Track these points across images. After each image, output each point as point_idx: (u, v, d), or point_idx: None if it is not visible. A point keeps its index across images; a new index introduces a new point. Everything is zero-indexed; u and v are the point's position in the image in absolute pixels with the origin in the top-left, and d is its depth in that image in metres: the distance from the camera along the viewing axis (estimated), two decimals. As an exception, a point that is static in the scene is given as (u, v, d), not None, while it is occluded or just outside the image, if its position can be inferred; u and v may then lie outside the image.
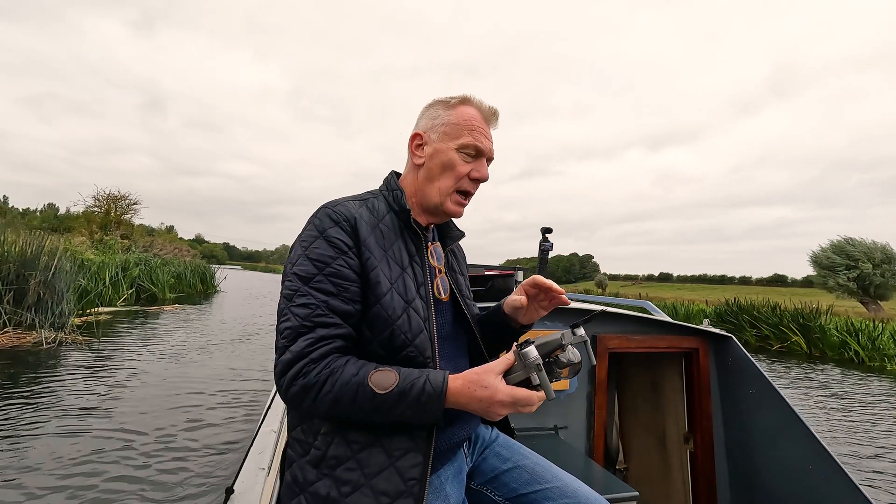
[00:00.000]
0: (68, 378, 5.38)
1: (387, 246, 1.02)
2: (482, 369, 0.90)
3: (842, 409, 6.11)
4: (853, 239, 15.61)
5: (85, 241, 18.61)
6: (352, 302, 0.94)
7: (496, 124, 1.14)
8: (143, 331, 9.22)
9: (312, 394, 0.86)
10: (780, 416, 2.02)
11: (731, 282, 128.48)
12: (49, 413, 4.21)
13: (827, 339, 11.56)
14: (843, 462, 1.82)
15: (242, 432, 3.97)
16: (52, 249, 8.13)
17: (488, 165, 1.12)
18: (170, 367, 6.23)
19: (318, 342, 0.88)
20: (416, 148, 1.11)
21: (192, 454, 3.53)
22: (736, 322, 13.70)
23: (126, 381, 5.39)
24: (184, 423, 4.14)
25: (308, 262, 0.94)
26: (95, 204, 23.24)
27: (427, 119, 1.11)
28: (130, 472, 3.20)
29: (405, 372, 0.89)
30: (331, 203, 1.03)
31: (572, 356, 0.92)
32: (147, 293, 16.18)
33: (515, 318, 1.15)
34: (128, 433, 3.85)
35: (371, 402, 0.85)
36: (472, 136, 1.06)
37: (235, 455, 3.50)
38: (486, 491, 1.11)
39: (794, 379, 8.23)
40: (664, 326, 2.38)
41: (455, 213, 1.11)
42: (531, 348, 0.87)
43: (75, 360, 6.31)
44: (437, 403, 0.86)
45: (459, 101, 1.10)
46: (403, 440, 0.91)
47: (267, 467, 1.34)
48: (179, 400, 4.81)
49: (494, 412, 0.88)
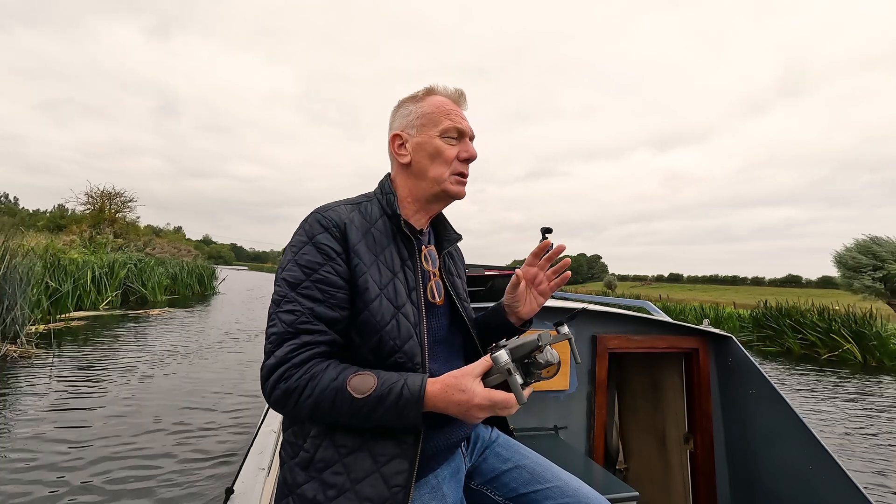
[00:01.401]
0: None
1: (378, 251, 1.01)
2: (460, 373, 0.89)
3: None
4: (879, 238, 14.40)
5: (75, 240, 17.63)
6: (338, 308, 0.93)
7: (466, 105, 1.14)
8: (115, 338, 8.18)
9: (294, 398, 0.86)
10: (780, 416, 2.01)
11: (743, 282, 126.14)
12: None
13: (886, 346, 10.42)
14: (843, 463, 1.75)
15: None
16: (4, 248, 7.01)
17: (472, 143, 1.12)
18: (123, 388, 5.18)
19: (301, 347, 0.89)
20: (398, 148, 1.10)
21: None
22: (776, 327, 12.44)
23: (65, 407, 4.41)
24: (118, 476, 3.15)
25: (297, 268, 0.94)
26: (89, 201, 22.24)
27: (400, 118, 1.11)
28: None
29: (384, 376, 0.89)
30: (322, 208, 1.02)
31: (550, 357, 0.91)
32: (137, 295, 15.15)
33: (516, 310, 1.15)
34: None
35: (350, 407, 0.85)
36: (450, 120, 1.06)
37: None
38: (487, 491, 1.11)
39: (855, 394, 7.25)
40: (664, 326, 2.38)
41: (458, 193, 1.09)
42: (501, 352, 0.86)
43: (8, 378, 5.29)
44: (415, 408, 0.86)
45: (425, 92, 1.10)
46: (390, 446, 0.91)
47: (267, 467, 1.37)
48: (114, 444, 3.68)
49: (473, 415, 0.87)
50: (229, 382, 5.63)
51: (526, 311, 1.14)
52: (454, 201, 1.12)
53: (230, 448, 3.70)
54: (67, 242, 17.14)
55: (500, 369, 0.85)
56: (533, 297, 1.14)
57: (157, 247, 25.12)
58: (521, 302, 1.14)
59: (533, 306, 1.14)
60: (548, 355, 0.90)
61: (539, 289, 1.13)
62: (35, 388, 4.96)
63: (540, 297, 1.13)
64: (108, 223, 21.57)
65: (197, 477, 3.19)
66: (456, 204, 1.14)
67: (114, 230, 21.28)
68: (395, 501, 0.86)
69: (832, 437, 4.93)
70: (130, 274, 15.11)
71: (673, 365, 2.51)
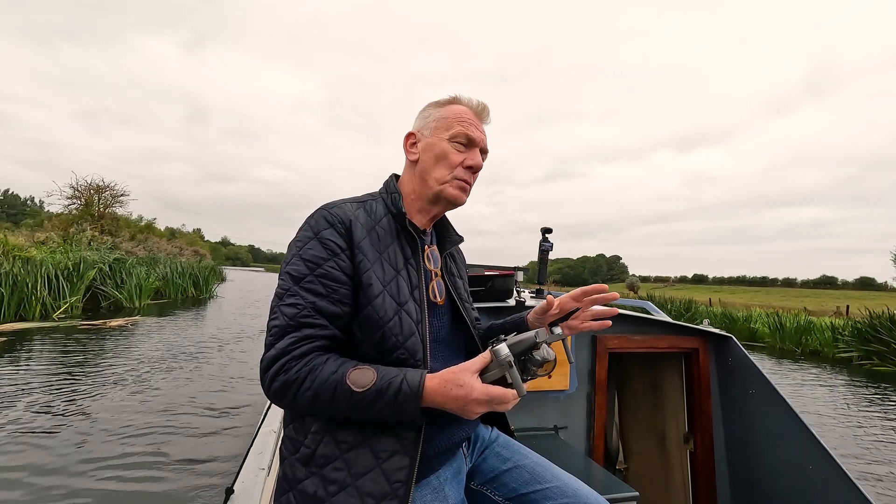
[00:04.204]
0: None
1: (382, 248, 1.02)
2: (458, 368, 0.89)
3: None
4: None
5: (51, 237, 15.67)
6: (340, 304, 0.94)
7: (487, 120, 1.14)
8: (26, 363, 5.93)
9: (293, 390, 0.86)
10: (780, 416, 2.01)
11: (773, 284, 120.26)
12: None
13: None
14: (843, 463, 1.75)
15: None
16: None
17: (483, 159, 1.12)
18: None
19: (301, 340, 0.89)
20: (410, 146, 1.13)
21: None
22: (891, 341, 9.79)
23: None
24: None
25: (301, 263, 0.95)
26: (74, 195, 20.16)
27: (420, 119, 1.14)
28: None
29: (383, 370, 0.89)
30: (328, 205, 1.03)
31: (547, 354, 0.92)
32: (110, 300, 13.04)
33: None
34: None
35: (349, 400, 0.85)
36: (461, 126, 1.07)
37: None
38: (486, 491, 1.11)
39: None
40: (664, 326, 2.38)
41: (456, 198, 1.09)
42: (502, 345, 0.88)
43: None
44: (414, 403, 0.86)
45: (449, 100, 1.13)
46: (391, 442, 0.91)
47: (267, 467, 1.38)
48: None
49: (471, 410, 0.88)
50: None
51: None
52: (454, 207, 1.12)
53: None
54: (41, 239, 15.18)
55: (501, 362, 0.87)
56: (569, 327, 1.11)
57: (156, 245, 23.17)
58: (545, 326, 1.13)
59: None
60: (545, 353, 0.91)
61: (570, 323, 1.10)
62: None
63: (566, 330, 1.10)
64: (97, 218, 19.53)
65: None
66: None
67: (101, 226, 19.32)
68: (396, 497, 0.86)
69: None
70: (102, 276, 13.02)
71: (673, 365, 2.52)
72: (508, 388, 0.87)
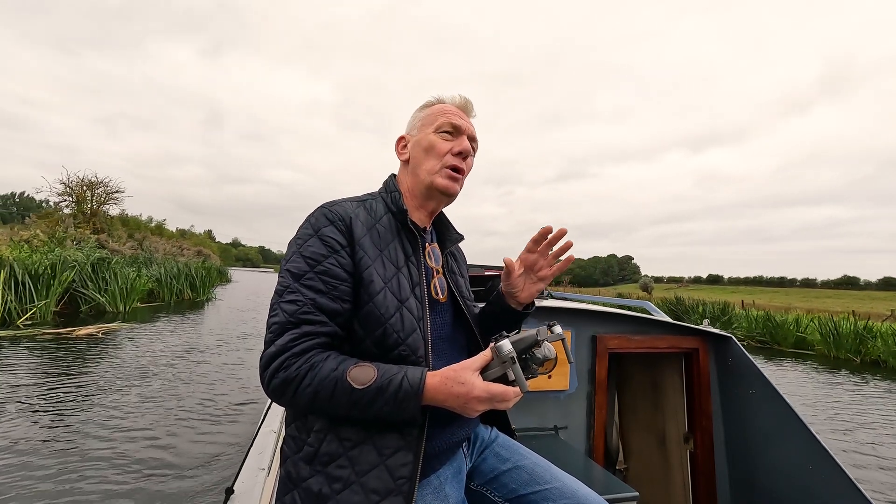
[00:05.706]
0: None
1: (382, 246, 1.01)
2: (459, 366, 0.88)
3: None
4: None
5: (37, 235, 14.64)
6: (340, 300, 0.93)
7: (473, 113, 1.16)
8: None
9: (293, 387, 0.85)
10: (780, 416, 1.98)
11: (791, 284, 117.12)
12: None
13: None
14: (843, 463, 1.72)
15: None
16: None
17: (474, 149, 1.13)
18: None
19: (301, 337, 0.88)
20: (401, 148, 1.15)
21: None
22: None
23: None
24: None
25: (301, 260, 0.94)
26: (66, 191, 19.12)
27: (408, 124, 1.16)
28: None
29: (384, 368, 0.88)
30: (328, 203, 1.03)
31: (548, 352, 0.91)
32: (91, 304, 11.92)
33: (515, 296, 1.13)
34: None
35: (349, 397, 0.85)
36: (445, 117, 1.09)
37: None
38: (486, 491, 1.10)
39: None
40: (664, 326, 2.35)
41: (447, 188, 1.08)
42: (505, 342, 0.87)
43: None
44: (414, 400, 0.85)
45: (433, 101, 1.15)
46: (394, 439, 0.90)
47: (267, 467, 1.37)
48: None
49: (471, 408, 0.87)
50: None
51: (525, 297, 1.13)
52: (448, 199, 1.12)
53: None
54: (25, 237, 14.16)
55: (504, 358, 0.86)
56: (532, 283, 1.12)
57: (153, 244, 22.15)
58: (518, 288, 1.13)
59: (532, 291, 1.13)
60: (545, 351, 0.91)
61: (539, 274, 1.11)
62: None
63: (539, 283, 1.12)
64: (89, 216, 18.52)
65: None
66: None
67: (93, 224, 18.29)
68: (401, 493, 0.86)
69: None
70: (82, 277, 11.90)
71: (673, 365, 2.49)
72: (509, 385, 0.86)
